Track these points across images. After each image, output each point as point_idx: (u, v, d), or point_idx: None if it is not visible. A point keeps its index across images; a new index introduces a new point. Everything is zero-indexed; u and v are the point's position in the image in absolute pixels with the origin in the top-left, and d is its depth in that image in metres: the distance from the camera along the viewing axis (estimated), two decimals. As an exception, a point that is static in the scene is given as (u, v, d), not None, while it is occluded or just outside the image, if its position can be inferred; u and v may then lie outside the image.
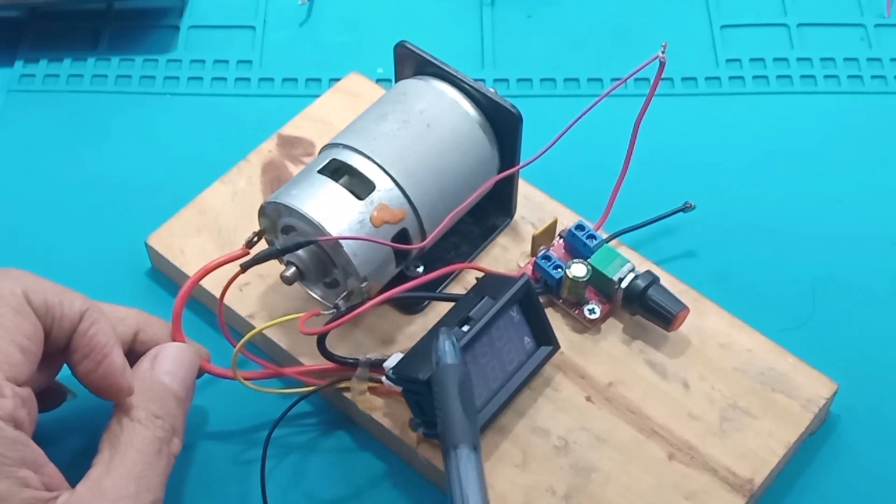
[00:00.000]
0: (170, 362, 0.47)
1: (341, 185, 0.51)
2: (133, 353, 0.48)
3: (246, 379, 0.51)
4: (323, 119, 0.62)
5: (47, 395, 0.49)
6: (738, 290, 0.58)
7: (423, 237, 0.53)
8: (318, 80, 0.68)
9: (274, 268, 0.54)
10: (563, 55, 0.69)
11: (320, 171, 0.52)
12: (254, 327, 0.52)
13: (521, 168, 0.55)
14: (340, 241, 0.50)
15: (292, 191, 0.51)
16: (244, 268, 0.50)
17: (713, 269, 0.59)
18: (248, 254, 0.52)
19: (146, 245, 0.58)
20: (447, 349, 0.47)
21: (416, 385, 0.48)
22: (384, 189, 0.51)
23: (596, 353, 0.54)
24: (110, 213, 0.62)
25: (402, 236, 0.52)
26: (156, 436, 0.44)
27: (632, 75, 0.53)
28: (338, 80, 0.65)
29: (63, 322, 0.44)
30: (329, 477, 0.52)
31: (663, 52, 0.52)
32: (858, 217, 0.61)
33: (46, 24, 0.70)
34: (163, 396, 0.46)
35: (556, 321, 0.55)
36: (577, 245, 0.56)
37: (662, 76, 0.53)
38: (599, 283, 0.54)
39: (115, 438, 0.44)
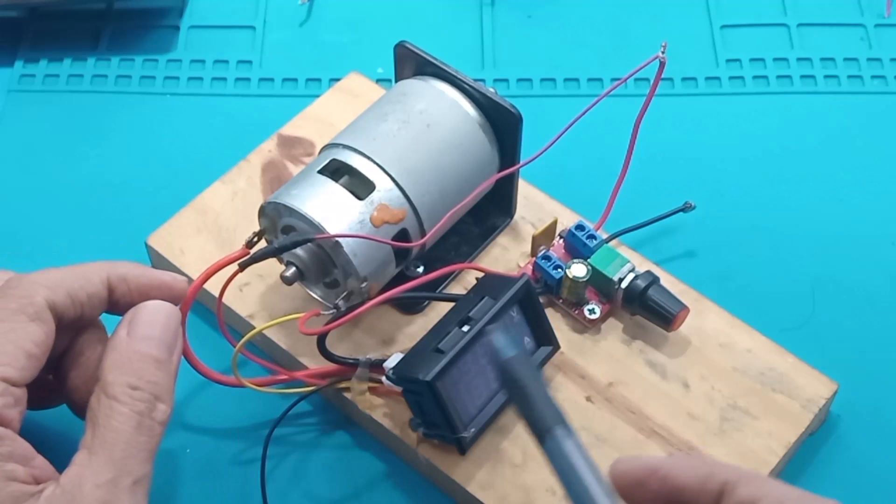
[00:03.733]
0: (145, 325, 0.46)
1: (341, 185, 0.51)
2: (116, 304, 0.47)
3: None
4: (323, 119, 0.62)
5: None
6: (738, 290, 0.58)
7: (424, 237, 0.53)
8: (318, 80, 0.68)
9: (274, 268, 0.54)
10: (563, 55, 0.69)
11: (320, 172, 0.52)
12: (254, 327, 0.52)
13: (520, 167, 0.55)
14: (340, 241, 0.50)
15: (292, 191, 0.51)
16: (242, 266, 0.50)
17: (713, 269, 0.59)
18: (249, 254, 0.52)
19: (146, 245, 0.58)
20: (503, 343, 0.39)
21: (416, 385, 0.48)
22: (384, 189, 0.51)
23: (596, 353, 0.54)
24: (110, 213, 0.62)
25: (402, 236, 0.52)
26: (133, 410, 0.43)
27: (631, 75, 0.53)
28: (338, 80, 0.65)
29: (92, 300, 0.46)
30: (329, 477, 0.52)
31: (663, 52, 0.52)
32: (858, 217, 0.61)
33: (46, 24, 0.70)
34: (139, 365, 0.44)
35: (556, 321, 0.55)
36: (577, 245, 0.56)
37: (662, 76, 0.52)
38: (599, 283, 0.54)
39: (95, 416, 0.43)
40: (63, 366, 0.46)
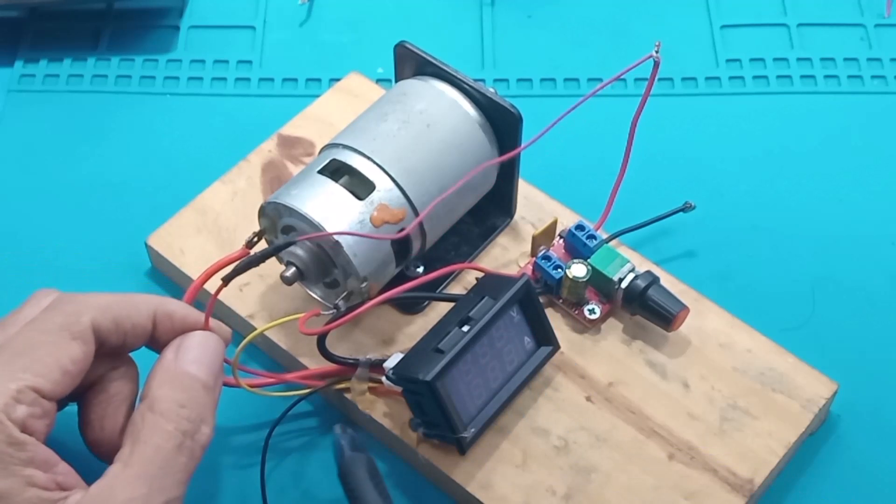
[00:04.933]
0: (194, 351, 0.46)
1: (341, 185, 0.51)
2: (157, 340, 0.47)
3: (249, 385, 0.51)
4: (323, 119, 0.62)
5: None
6: (738, 290, 0.58)
7: (424, 237, 0.53)
8: (318, 80, 0.68)
9: (274, 268, 0.54)
10: (563, 55, 0.69)
11: (320, 172, 0.52)
12: (254, 327, 0.52)
13: (509, 158, 0.55)
14: (340, 241, 0.50)
15: (292, 191, 0.51)
16: (226, 281, 0.49)
17: (713, 269, 0.59)
18: (249, 254, 0.52)
19: (146, 245, 0.58)
20: (346, 441, 0.51)
21: (416, 385, 0.48)
22: (384, 189, 0.51)
23: (596, 353, 0.54)
24: (110, 213, 0.62)
25: (402, 236, 0.52)
26: (178, 428, 0.43)
27: (624, 73, 0.52)
28: (338, 80, 0.65)
29: (136, 330, 0.45)
30: (329, 477, 0.52)
31: (657, 52, 0.51)
32: (858, 217, 0.61)
33: (46, 24, 0.70)
34: (188, 385, 0.44)
35: (556, 321, 0.55)
36: (577, 245, 0.56)
37: (664, 76, 0.52)
38: (599, 283, 0.54)
39: (137, 432, 0.43)
40: (86, 399, 0.46)
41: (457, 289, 0.56)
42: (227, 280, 0.49)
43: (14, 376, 0.41)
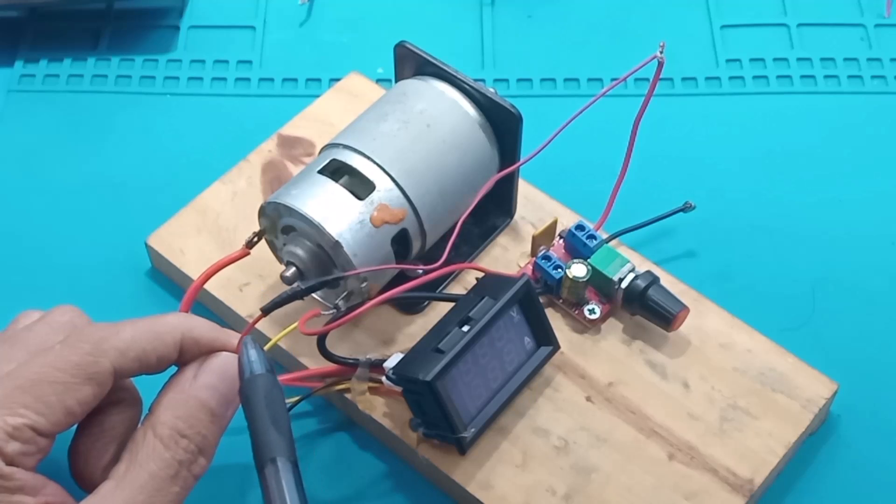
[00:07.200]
0: (212, 374, 0.45)
1: (341, 185, 0.51)
2: (181, 363, 0.46)
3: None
4: (323, 119, 0.62)
5: None
6: (738, 290, 0.58)
7: (424, 237, 0.53)
8: (318, 80, 0.68)
9: (274, 268, 0.54)
10: (563, 55, 0.69)
11: (320, 172, 0.52)
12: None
13: (518, 167, 0.55)
14: (340, 241, 0.50)
15: (292, 191, 0.51)
16: (265, 311, 0.49)
17: (713, 269, 0.59)
18: (249, 254, 0.53)
19: (146, 245, 0.58)
20: (253, 358, 0.45)
21: (416, 385, 0.48)
22: (384, 189, 0.51)
23: (596, 353, 0.54)
24: (110, 213, 0.62)
25: (402, 236, 0.52)
26: (175, 458, 0.42)
27: (629, 75, 0.53)
28: (338, 80, 0.65)
29: (161, 363, 0.44)
30: (329, 477, 0.52)
31: (661, 53, 0.51)
32: (858, 217, 0.61)
33: (46, 24, 0.70)
34: (195, 413, 0.44)
35: (556, 321, 0.55)
36: (577, 245, 0.56)
37: (663, 76, 0.52)
38: (599, 283, 0.54)
39: (135, 452, 0.42)
40: (80, 426, 0.44)
41: (457, 289, 0.56)
42: (266, 311, 0.48)
43: (14, 411, 0.40)
